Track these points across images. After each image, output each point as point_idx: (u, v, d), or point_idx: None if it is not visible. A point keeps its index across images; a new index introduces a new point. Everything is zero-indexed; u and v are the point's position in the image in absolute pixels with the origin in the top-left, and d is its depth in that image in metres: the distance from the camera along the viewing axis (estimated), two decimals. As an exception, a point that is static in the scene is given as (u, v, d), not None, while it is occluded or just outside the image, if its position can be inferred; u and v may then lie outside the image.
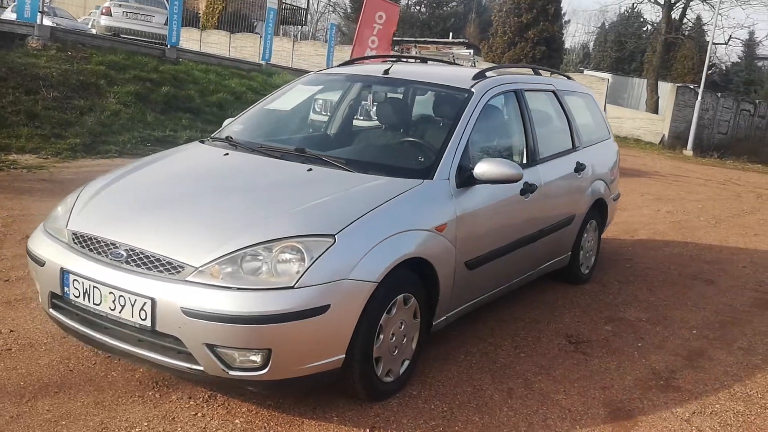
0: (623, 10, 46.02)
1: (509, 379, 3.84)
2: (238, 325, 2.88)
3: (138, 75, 12.97)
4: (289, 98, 4.78)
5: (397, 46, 29.59)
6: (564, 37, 36.33)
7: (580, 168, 5.26)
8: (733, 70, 54.54)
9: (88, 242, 3.26)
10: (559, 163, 5.02)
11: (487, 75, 4.53)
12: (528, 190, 4.39)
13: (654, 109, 28.22)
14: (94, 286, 3.11)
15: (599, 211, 5.84)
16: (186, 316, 2.90)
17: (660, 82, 29.87)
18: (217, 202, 3.42)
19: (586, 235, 5.62)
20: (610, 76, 29.84)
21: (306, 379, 3.10)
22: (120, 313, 3.06)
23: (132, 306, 3.02)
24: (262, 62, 17.51)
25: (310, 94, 4.96)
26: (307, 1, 44.47)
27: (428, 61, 5.85)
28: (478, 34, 51.84)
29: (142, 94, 12.45)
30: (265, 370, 2.97)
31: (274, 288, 2.94)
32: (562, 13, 35.31)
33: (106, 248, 3.19)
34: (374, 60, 5.55)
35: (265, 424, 3.17)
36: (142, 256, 3.09)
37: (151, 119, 11.91)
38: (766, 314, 5.48)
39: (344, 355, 3.15)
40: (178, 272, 3.00)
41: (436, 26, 50.64)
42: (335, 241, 3.09)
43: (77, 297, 3.19)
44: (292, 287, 2.93)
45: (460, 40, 37.75)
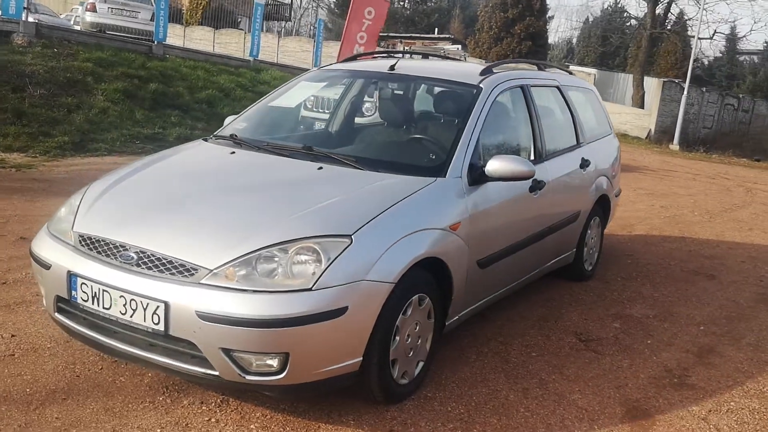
0: (607, 6, 46.25)
1: (523, 379, 3.79)
2: (256, 329, 2.80)
3: (125, 72, 12.80)
4: (293, 95, 4.69)
5: (382, 42, 29.50)
6: (548, 33, 36.33)
7: (585, 164, 5.22)
8: (716, 65, 54.99)
9: (96, 244, 3.16)
10: (566, 160, 4.97)
11: (494, 70, 4.48)
12: (537, 187, 4.34)
13: (640, 104, 28.33)
14: (104, 290, 3.02)
15: (602, 208, 5.81)
16: (201, 320, 2.82)
17: (645, 77, 29.99)
18: (228, 201, 3.33)
19: (589, 232, 5.59)
20: (596, 72, 29.92)
21: (323, 382, 3.02)
22: (131, 317, 2.97)
23: (144, 310, 2.93)
24: (250, 58, 17.35)
25: (315, 91, 4.88)
26: (291, -4, 44.22)
27: (429, 57, 5.77)
28: (463, 29, 51.84)
29: (130, 91, 12.29)
30: (283, 375, 2.90)
31: (291, 290, 2.86)
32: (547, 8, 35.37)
33: (115, 250, 3.09)
34: (366, 56, 5.44)
35: (281, 429, 3.10)
36: (153, 258, 3.00)
37: (140, 116, 11.76)
38: (771, 310, 5.48)
39: (362, 358, 3.08)
40: (192, 275, 2.92)
41: (421, 22, 50.57)
42: (352, 242, 3.02)
43: (85, 301, 3.10)
44: (310, 289, 2.86)
45: (446, 36, 37.71)
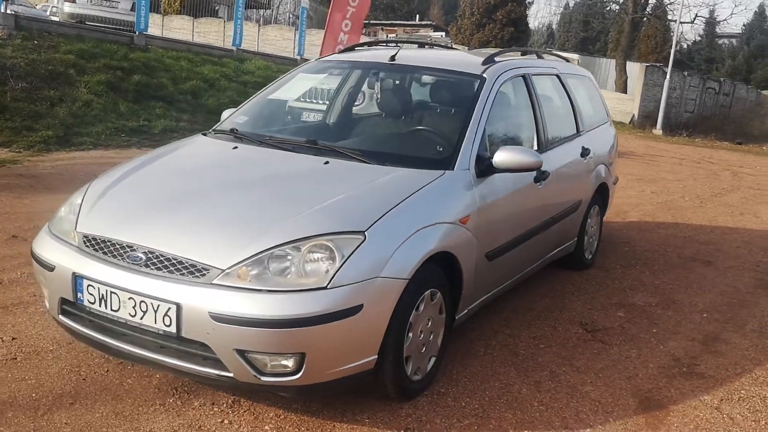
0: (587, -10, 46.23)
1: (534, 372, 3.76)
2: (272, 329, 2.74)
3: (108, 63, 12.60)
4: (292, 87, 4.61)
5: (363, 30, 29.30)
6: (528, 18, 36.33)
7: (585, 153, 5.19)
8: (695, 49, 55.36)
9: (102, 245, 3.08)
10: (567, 149, 4.94)
11: (496, 60, 4.42)
12: (541, 177, 4.30)
13: (623, 89, 28.40)
14: (112, 292, 2.94)
15: (601, 196, 5.80)
16: (215, 322, 2.76)
17: (627, 62, 30.06)
18: (236, 199, 3.25)
19: (589, 221, 5.57)
20: (578, 57, 29.89)
21: (339, 382, 2.97)
22: (141, 319, 2.90)
23: (155, 312, 2.86)
24: (233, 48, 17.15)
25: (314, 83, 4.80)
26: (271, -16, 43.83)
27: (426, 46, 5.70)
28: (442, 15, 51.75)
29: (114, 83, 12.09)
30: (299, 375, 2.84)
31: (306, 289, 2.80)
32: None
33: (122, 251, 3.01)
34: (363, 47, 5.35)
35: (296, 430, 3.05)
36: (162, 258, 2.93)
37: (124, 109, 11.59)
38: (771, 295, 5.50)
39: (377, 356, 3.03)
40: (203, 275, 2.85)
41: (401, 8, 50.42)
42: (365, 238, 2.96)
43: (92, 303, 3.02)
44: (325, 288, 2.80)
45: (427, 23, 37.61)
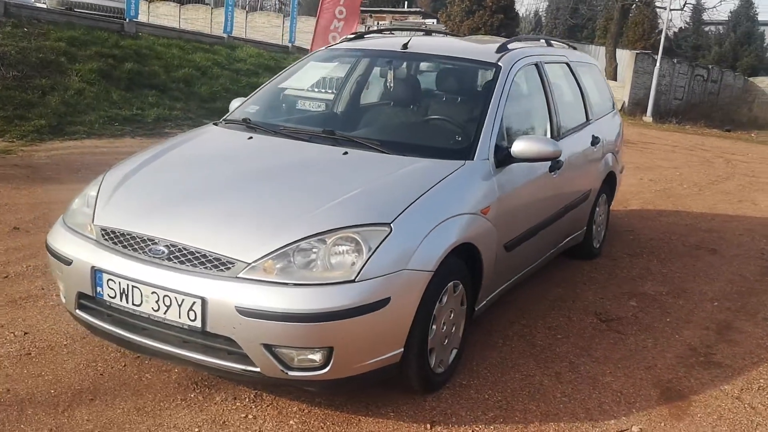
0: (575, -23, 46.16)
1: (553, 363, 3.75)
2: (300, 324, 2.70)
3: (99, 51, 12.43)
4: (303, 76, 4.54)
5: (353, 17, 29.10)
6: (515, 5, 36.23)
7: (595, 141, 5.16)
8: (682, 36, 55.42)
9: (121, 238, 3.02)
10: (579, 137, 4.91)
11: (509, 47, 4.37)
12: (556, 166, 4.27)
13: (613, 76, 28.37)
14: (134, 286, 2.88)
15: (609, 185, 5.78)
16: (242, 316, 2.71)
17: (617, 50, 30.05)
18: (257, 190, 3.20)
19: (598, 209, 5.55)
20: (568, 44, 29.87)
21: (365, 376, 2.94)
22: (165, 314, 2.84)
23: (179, 306, 2.80)
24: (225, 35, 16.99)
25: (326, 71, 4.73)
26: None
27: (432, 33, 5.63)
28: (430, 2, 51.49)
29: (105, 71, 11.95)
30: (326, 369, 2.80)
31: (334, 282, 2.75)
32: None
33: (143, 244, 2.95)
34: (372, 34, 5.28)
35: (321, 424, 3.01)
36: (185, 252, 2.87)
37: (117, 97, 11.45)
38: (778, 283, 5.51)
39: (403, 349, 2.99)
40: (228, 269, 2.80)
41: (390, -5, 50.07)
42: (392, 230, 2.91)
43: (113, 298, 2.96)
44: (353, 281, 2.76)
45: (416, 10, 37.41)
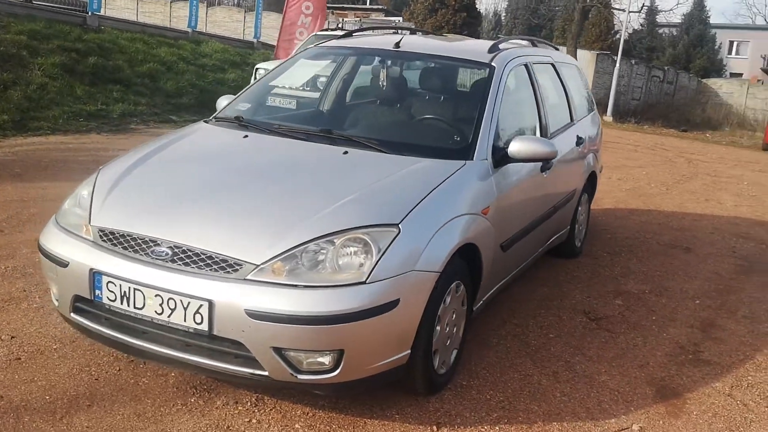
0: (534, -23, 46.65)
1: (550, 362, 3.77)
2: (312, 326, 2.66)
3: (62, 45, 12.14)
4: (294, 74, 4.48)
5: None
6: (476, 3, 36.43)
7: (579, 142, 5.21)
8: (636, 37, 56.46)
9: (121, 239, 2.93)
10: (565, 138, 4.94)
11: (499, 47, 4.37)
12: (546, 166, 4.29)
13: (573, 75, 28.75)
14: (136, 289, 2.80)
15: (591, 184, 5.84)
16: (251, 319, 2.65)
17: (578, 50, 30.48)
18: (260, 190, 3.14)
19: (580, 209, 5.61)
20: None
21: (374, 378, 2.91)
22: (169, 317, 2.77)
23: (184, 309, 2.74)
24: (189, 29, 16.73)
25: (318, 70, 4.67)
26: (217, -35, 42.89)
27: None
28: (391, 0, 51.50)
29: (69, 66, 11.68)
30: (336, 372, 2.77)
31: (345, 284, 2.72)
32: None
33: (144, 246, 2.87)
34: (362, 32, 5.23)
35: (327, 427, 2.97)
36: (190, 253, 2.80)
37: (81, 92, 11.21)
38: (753, 280, 5.64)
39: (410, 351, 2.98)
40: (236, 270, 2.74)
41: (351, -8, 49.92)
42: (400, 231, 2.89)
43: (113, 301, 2.87)
44: (365, 282, 2.73)
45: (378, 7, 37.38)
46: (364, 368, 2.84)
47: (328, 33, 14.29)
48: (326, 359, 2.75)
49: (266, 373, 2.75)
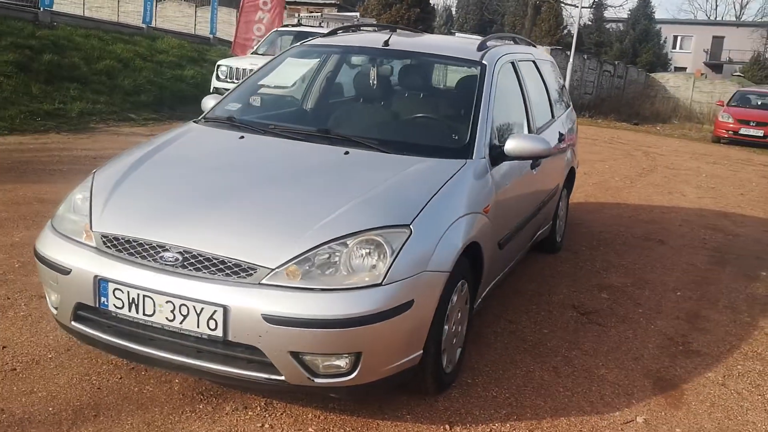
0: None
1: (548, 358, 3.81)
2: (331, 330, 2.63)
3: (15, 42, 11.80)
4: (283, 72, 4.41)
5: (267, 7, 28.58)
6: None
7: (561, 138, 5.27)
8: (585, 32, 57.40)
9: (127, 245, 2.85)
10: (548, 134, 4.98)
11: (488, 45, 4.39)
12: (536, 163, 4.33)
13: (527, 70, 29.09)
14: (145, 296, 2.74)
15: (569, 180, 5.92)
16: (268, 324, 2.61)
17: (530, 45, 30.83)
18: (268, 193, 3.09)
19: (560, 204, 5.68)
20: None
21: (388, 380, 2.90)
22: (181, 324, 2.71)
23: (197, 315, 2.68)
24: (143, 25, 16.40)
25: (307, 68, 4.61)
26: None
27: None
28: (343, -5, 51.30)
29: (23, 63, 11.36)
30: (353, 375, 2.75)
31: (362, 287, 2.70)
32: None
33: (152, 251, 2.80)
34: (347, 30, 5.19)
35: (340, 430, 2.95)
36: (201, 258, 2.74)
37: (37, 91, 10.91)
38: (728, 271, 5.80)
39: (422, 351, 2.97)
40: (250, 275, 2.69)
41: (302, -13, 49.56)
42: (411, 232, 2.88)
43: (120, 308, 2.80)
44: (381, 284, 2.71)
45: (331, 2, 37.19)
46: (380, 370, 2.83)
47: (290, 29, 14.21)
48: (343, 362, 2.73)
49: (283, 378, 2.72)
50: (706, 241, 6.75)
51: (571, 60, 24.96)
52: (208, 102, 4.26)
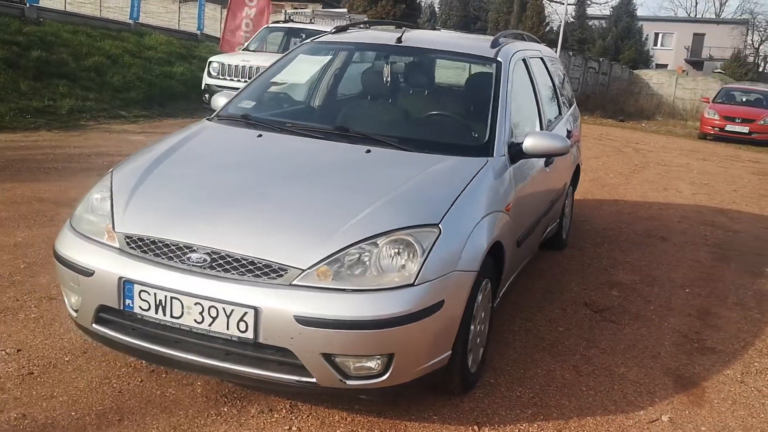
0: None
1: (568, 357, 3.79)
2: (365, 331, 2.60)
3: (2, 38, 11.60)
4: (296, 70, 4.35)
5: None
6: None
7: (569, 135, 5.26)
8: (568, 30, 57.60)
9: (152, 246, 2.79)
10: (557, 131, 4.97)
11: (501, 42, 4.36)
12: (549, 161, 4.32)
13: (512, 67, 29.12)
14: (173, 297, 2.68)
15: (575, 176, 5.92)
16: (300, 325, 2.57)
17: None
18: (293, 192, 3.04)
19: (566, 201, 5.67)
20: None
21: (418, 381, 2.86)
22: (210, 326, 2.66)
23: (227, 317, 2.63)
24: (131, 21, 16.21)
25: (321, 65, 4.55)
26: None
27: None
28: (328, -9, 51.04)
29: (11, 60, 11.18)
30: (385, 377, 2.71)
31: (394, 287, 2.66)
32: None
33: (179, 252, 2.75)
34: (357, 27, 5.14)
35: (368, 432, 2.92)
36: (229, 259, 2.69)
37: (26, 88, 10.75)
38: (732, 267, 5.83)
39: (451, 351, 2.94)
40: (280, 276, 2.65)
41: (285, -17, 49.24)
42: (441, 231, 2.85)
43: (146, 310, 2.74)
44: (413, 284, 2.68)
45: (316, -2, 36.94)
46: (411, 371, 2.79)
47: (281, 25, 14.11)
48: (374, 363, 2.69)
49: (314, 380, 2.67)
50: (707, 238, 6.78)
51: (557, 56, 24.98)
52: (220, 100, 4.19)
